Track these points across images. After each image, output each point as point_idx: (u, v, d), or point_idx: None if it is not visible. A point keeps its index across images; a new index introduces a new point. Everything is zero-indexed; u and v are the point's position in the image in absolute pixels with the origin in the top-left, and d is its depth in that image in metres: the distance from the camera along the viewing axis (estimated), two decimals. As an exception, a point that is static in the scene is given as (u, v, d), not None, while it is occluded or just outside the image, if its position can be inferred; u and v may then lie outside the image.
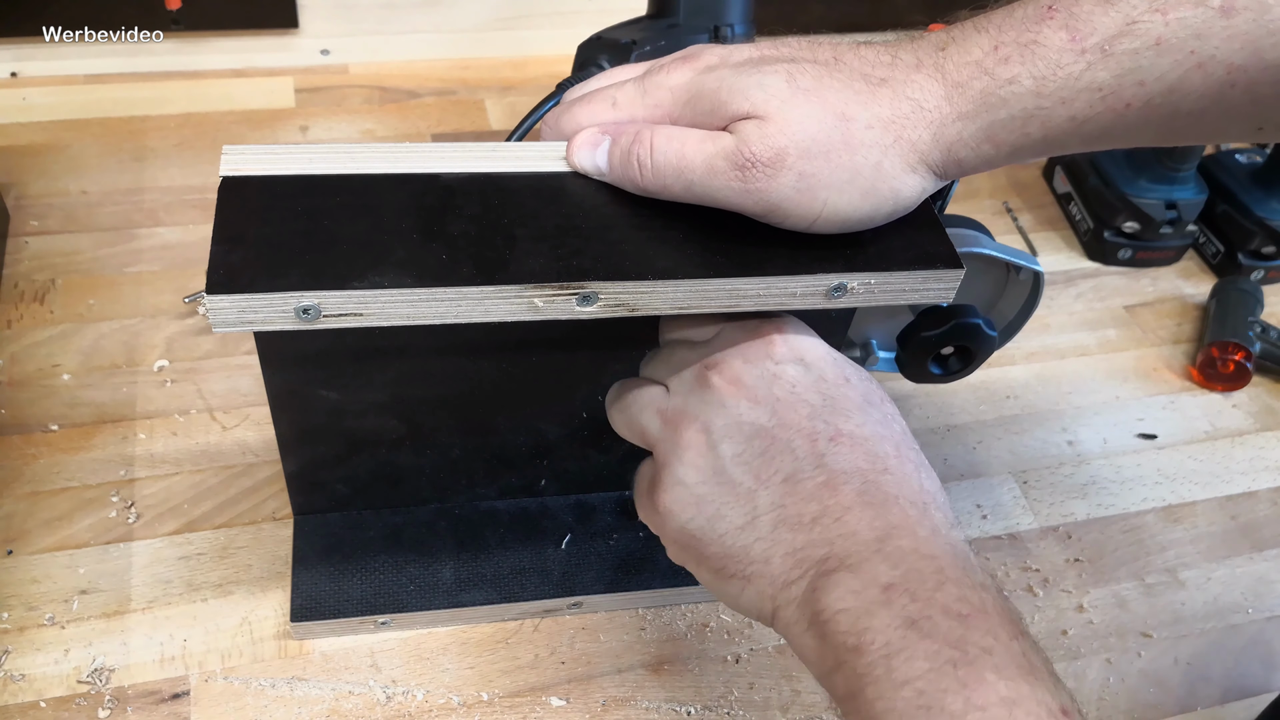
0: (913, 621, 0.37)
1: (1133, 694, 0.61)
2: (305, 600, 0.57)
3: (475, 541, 0.61)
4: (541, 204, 0.46)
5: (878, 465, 0.42)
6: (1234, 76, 0.38)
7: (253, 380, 0.70)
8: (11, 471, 0.63)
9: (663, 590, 0.61)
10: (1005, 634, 0.37)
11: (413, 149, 0.47)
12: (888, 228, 0.46)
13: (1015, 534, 0.69)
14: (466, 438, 0.58)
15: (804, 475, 0.42)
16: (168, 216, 0.81)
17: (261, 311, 0.41)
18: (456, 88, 0.99)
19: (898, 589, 0.38)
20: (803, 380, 0.44)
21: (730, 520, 0.43)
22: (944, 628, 0.37)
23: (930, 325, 0.60)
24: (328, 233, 0.43)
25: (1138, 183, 0.87)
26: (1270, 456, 0.76)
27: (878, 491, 0.41)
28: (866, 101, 0.42)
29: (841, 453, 0.42)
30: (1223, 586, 0.67)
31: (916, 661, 0.36)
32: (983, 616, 0.37)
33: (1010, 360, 0.80)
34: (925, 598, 0.38)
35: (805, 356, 0.45)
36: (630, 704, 0.57)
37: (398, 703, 0.56)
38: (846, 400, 0.44)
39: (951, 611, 0.37)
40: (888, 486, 0.42)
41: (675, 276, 0.44)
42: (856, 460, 0.42)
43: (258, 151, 0.46)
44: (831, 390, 0.44)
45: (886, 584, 0.38)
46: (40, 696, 0.54)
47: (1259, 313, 0.82)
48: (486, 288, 0.42)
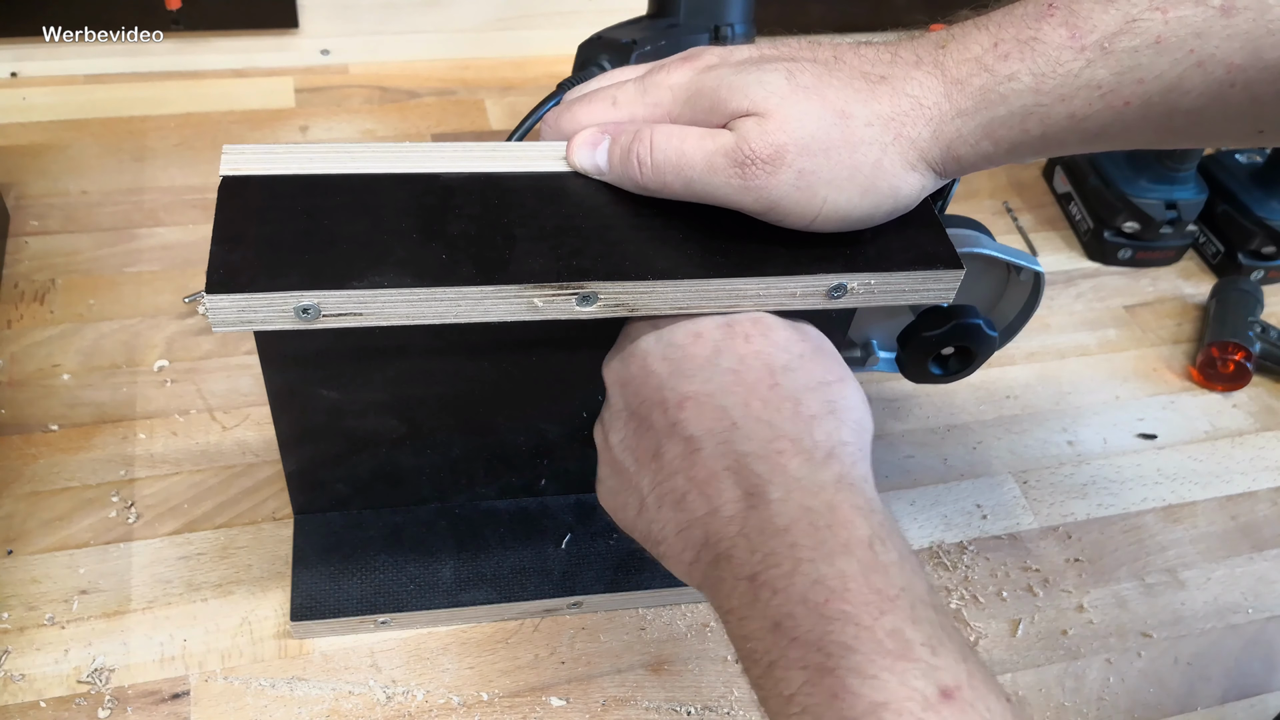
0: (777, 624, 0.36)
1: (1133, 694, 0.61)
2: (305, 599, 0.57)
3: (475, 541, 0.61)
4: (541, 204, 0.46)
5: (725, 422, 0.41)
6: (1233, 76, 0.38)
7: (253, 380, 0.70)
8: (11, 471, 0.63)
9: (663, 590, 0.61)
10: (869, 612, 0.35)
11: (413, 149, 0.48)
12: (888, 228, 0.46)
13: (1015, 534, 0.69)
14: (466, 437, 0.58)
15: (665, 449, 0.42)
16: (168, 216, 0.81)
17: (261, 311, 0.41)
18: (456, 88, 0.99)
19: (760, 582, 0.37)
20: (653, 350, 0.44)
21: (630, 506, 0.44)
22: (806, 625, 0.35)
23: (930, 325, 0.60)
24: (327, 232, 0.43)
25: (1138, 183, 0.87)
26: (1270, 456, 0.76)
27: (729, 453, 0.40)
28: (866, 99, 0.42)
29: (689, 417, 0.42)
30: (1223, 586, 0.67)
31: (792, 672, 0.35)
32: (840, 599, 0.35)
33: (1010, 360, 0.80)
34: (784, 588, 0.36)
35: (660, 325, 0.45)
36: (630, 704, 0.57)
37: (398, 703, 0.56)
38: (691, 360, 0.43)
39: (810, 602, 0.35)
40: (737, 443, 0.40)
41: (675, 276, 0.44)
42: (705, 421, 0.41)
43: (258, 151, 0.46)
44: (676, 353, 0.44)
45: (751, 576, 0.37)
46: (40, 696, 0.54)
47: (1259, 313, 0.82)
48: (486, 288, 0.42)
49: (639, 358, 0.45)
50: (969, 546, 0.67)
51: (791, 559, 0.37)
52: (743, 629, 0.37)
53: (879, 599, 0.35)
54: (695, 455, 0.41)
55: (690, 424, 0.42)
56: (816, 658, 0.34)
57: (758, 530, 0.38)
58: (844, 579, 0.36)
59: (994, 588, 0.65)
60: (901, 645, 0.34)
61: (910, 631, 0.34)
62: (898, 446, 0.72)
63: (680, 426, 0.42)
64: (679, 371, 0.43)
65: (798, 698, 0.34)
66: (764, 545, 0.37)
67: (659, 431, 0.43)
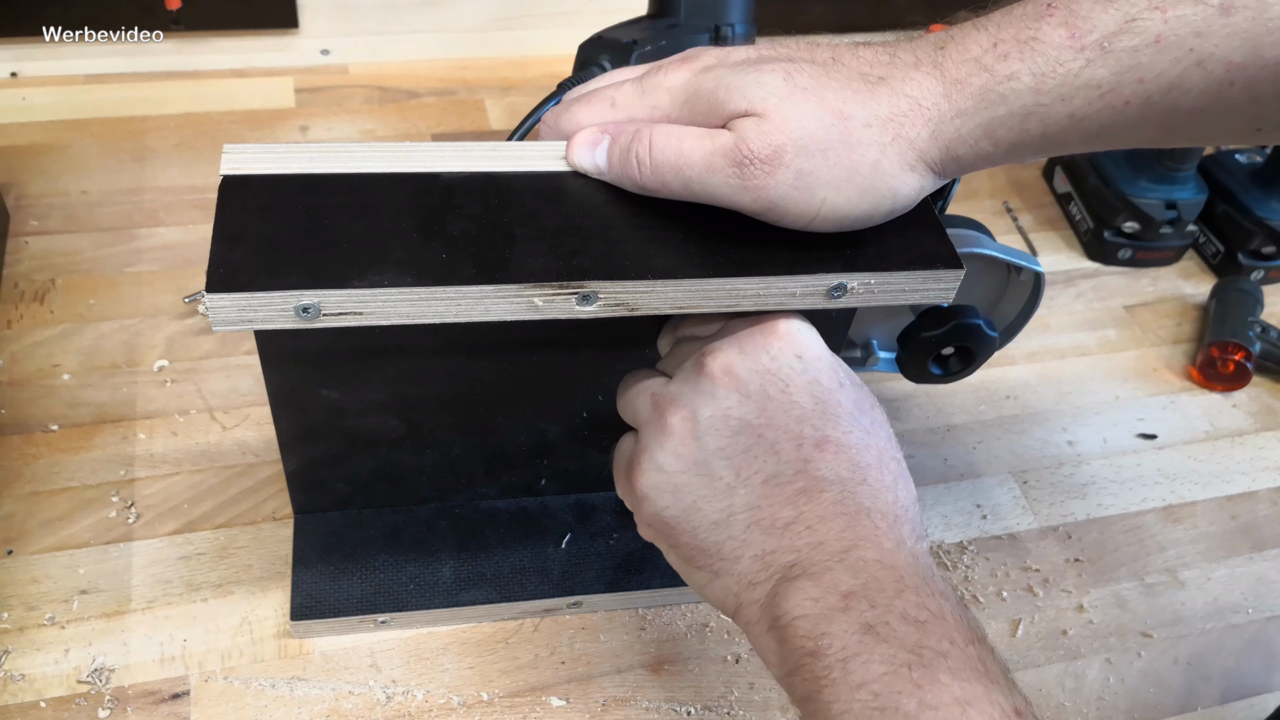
0: (870, 627, 0.37)
1: (1133, 694, 0.61)
2: (305, 599, 0.57)
3: (475, 541, 0.61)
4: (541, 203, 0.46)
5: (857, 475, 0.42)
6: (1233, 75, 0.38)
7: (253, 380, 0.70)
8: (11, 471, 0.63)
9: (663, 590, 0.61)
10: (962, 639, 0.38)
11: (413, 148, 0.47)
12: (888, 228, 0.46)
13: (1015, 534, 0.69)
14: (467, 437, 0.58)
15: (784, 479, 0.42)
16: (168, 216, 0.81)
17: (261, 310, 0.41)
18: (456, 88, 0.99)
19: (857, 596, 0.39)
20: (796, 380, 0.44)
21: (705, 514, 0.43)
22: (901, 633, 0.37)
23: (931, 325, 0.60)
24: (328, 232, 0.43)
25: (1138, 183, 0.87)
26: (1270, 456, 0.76)
27: (853, 502, 0.42)
28: (865, 100, 0.42)
29: (825, 460, 0.42)
30: (1223, 586, 0.67)
31: (873, 665, 0.37)
32: (939, 623, 0.38)
33: (1010, 360, 0.80)
34: (884, 604, 0.38)
35: (803, 354, 0.45)
36: (630, 704, 0.57)
37: (398, 703, 0.56)
38: (838, 405, 0.44)
39: (909, 617, 0.38)
40: (863, 498, 0.42)
41: (675, 276, 0.44)
42: (839, 469, 0.42)
43: (258, 151, 0.46)
44: (824, 394, 0.44)
45: (846, 591, 0.39)
46: (40, 696, 0.54)
47: (1259, 313, 0.82)
48: (486, 287, 0.42)
49: (779, 379, 0.44)
50: (969, 546, 0.67)
51: (896, 587, 0.39)
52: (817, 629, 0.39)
53: (970, 633, 0.38)
54: (819, 495, 0.42)
55: (824, 466, 0.42)
56: (906, 657, 0.37)
57: (863, 563, 0.40)
58: (942, 610, 0.39)
59: (994, 588, 0.65)
60: (986, 668, 0.37)
61: (990, 662, 0.38)
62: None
63: (813, 465, 0.42)
64: (825, 413, 0.43)
65: (872, 684, 0.36)
66: (867, 572, 0.39)
67: (783, 461, 0.43)
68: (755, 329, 0.45)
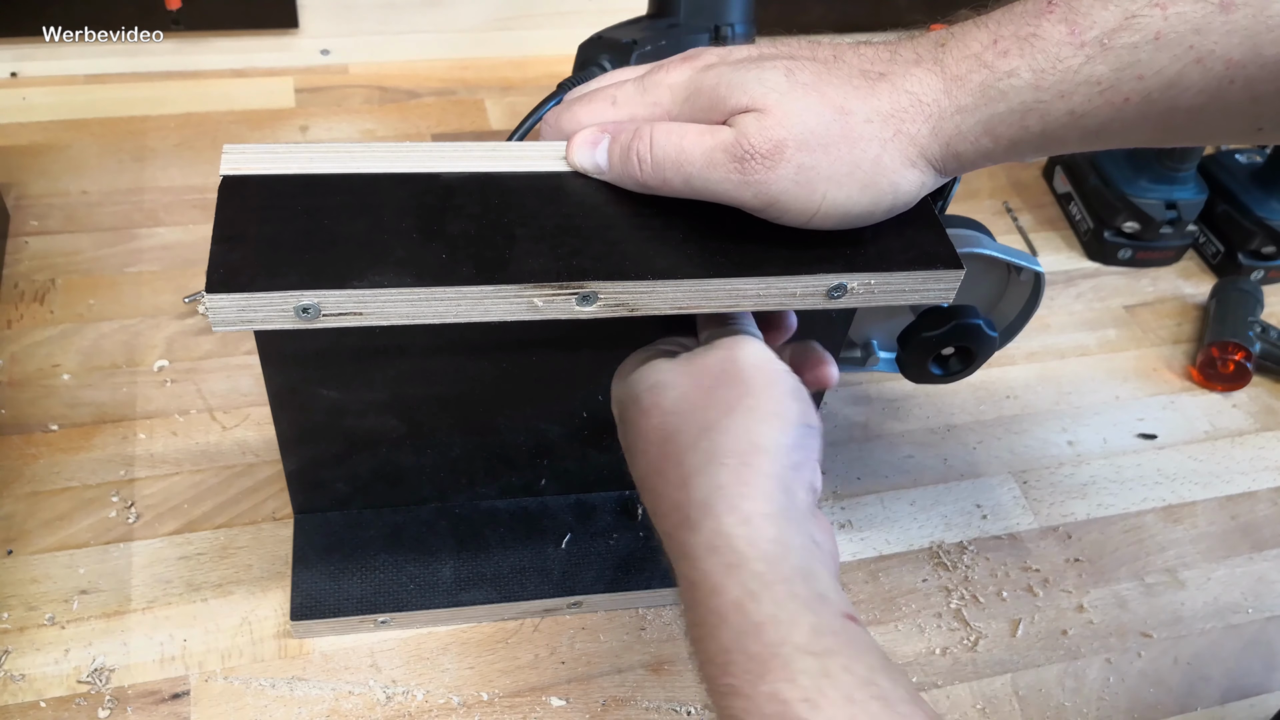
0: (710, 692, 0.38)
1: (1133, 694, 0.61)
2: (305, 599, 0.57)
3: (475, 540, 0.61)
4: (541, 204, 0.46)
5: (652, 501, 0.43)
6: (1233, 72, 0.38)
7: (253, 380, 0.70)
8: (11, 471, 0.63)
9: (662, 590, 0.61)
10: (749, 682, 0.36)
11: (413, 148, 0.47)
12: (888, 228, 0.46)
13: (1015, 534, 0.69)
14: (467, 437, 0.58)
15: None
16: (168, 216, 0.81)
17: (261, 311, 0.41)
18: (456, 88, 0.99)
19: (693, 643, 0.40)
20: (617, 394, 0.48)
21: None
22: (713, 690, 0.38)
23: (931, 326, 0.60)
24: (328, 232, 0.43)
25: (1138, 183, 0.87)
26: (1270, 456, 0.76)
27: (662, 531, 0.43)
28: (865, 96, 0.42)
29: (647, 501, 0.44)
30: (1223, 586, 0.67)
31: None
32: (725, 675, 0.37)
33: (1010, 360, 0.80)
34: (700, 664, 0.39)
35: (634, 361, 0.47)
36: (630, 704, 0.57)
37: (398, 703, 0.56)
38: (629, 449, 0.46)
39: (709, 676, 0.38)
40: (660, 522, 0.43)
41: (675, 276, 0.44)
42: (649, 503, 0.44)
43: (258, 151, 0.46)
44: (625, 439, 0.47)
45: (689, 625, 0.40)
46: (40, 696, 0.54)
47: (1259, 313, 0.82)
48: (486, 287, 0.42)
49: (614, 397, 0.48)
50: (969, 546, 0.67)
51: (695, 635, 0.39)
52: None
53: (755, 665, 0.36)
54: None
55: (649, 507, 0.44)
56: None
57: (686, 608, 0.40)
58: (726, 652, 0.37)
59: (994, 588, 0.65)
60: (781, 707, 0.35)
61: (787, 691, 0.35)
62: (898, 446, 0.72)
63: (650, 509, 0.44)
64: (631, 457, 0.46)
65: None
66: (688, 620, 0.40)
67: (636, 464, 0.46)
68: None
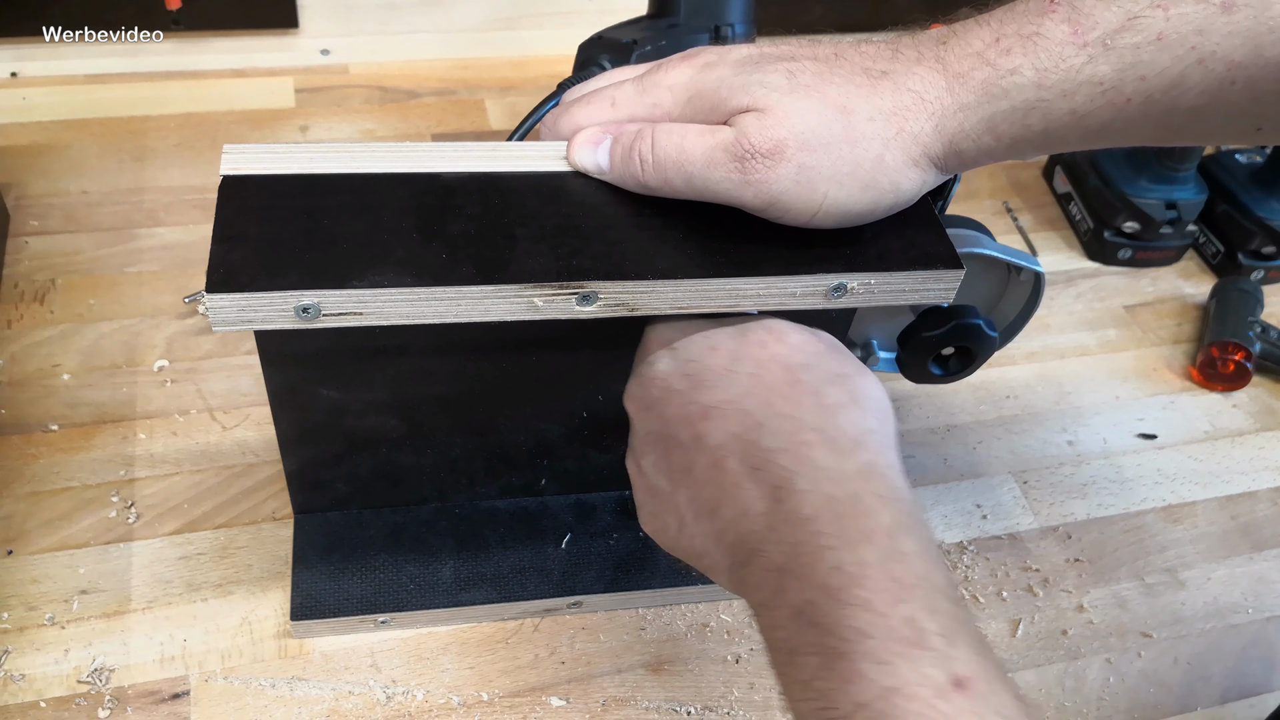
0: (799, 610, 0.36)
1: (1133, 694, 0.61)
2: (305, 599, 0.57)
3: (475, 541, 0.61)
4: (541, 203, 0.46)
5: (748, 423, 0.41)
6: (1234, 73, 0.38)
7: (253, 380, 0.70)
8: (11, 471, 0.63)
9: (662, 590, 0.61)
10: (886, 599, 0.35)
11: (413, 148, 0.48)
12: (888, 228, 0.46)
13: (1015, 534, 0.69)
14: (467, 437, 0.58)
15: (695, 463, 0.42)
16: (168, 216, 0.81)
17: (261, 310, 0.41)
18: (456, 88, 0.99)
19: (787, 571, 0.37)
20: (669, 369, 0.44)
21: (671, 526, 0.44)
22: (824, 611, 0.35)
23: (931, 326, 0.60)
24: (328, 232, 0.43)
25: (1138, 183, 0.87)
26: (1270, 456, 0.76)
27: (755, 453, 0.40)
28: (868, 94, 0.42)
29: (714, 427, 0.41)
30: (1223, 586, 0.67)
31: (810, 658, 0.35)
32: (857, 585, 0.35)
33: (1010, 360, 0.80)
34: (807, 575, 0.36)
35: (674, 342, 0.45)
36: (630, 704, 0.57)
37: (398, 703, 0.56)
38: (709, 371, 0.43)
39: (829, 588, 0.35)
40: (763, 441, 0.40)
41: (675, 276, 0.44)
42: (729, 427, 0.41)
43: (258, 150, 0.46)
44: (694, 368, 0.43)
45: (779, 567, 0.37)
46: (40, 696, 0.54)
47: (1259, 313, 0.82)
48: (486, 287, 0.42)
49: (658, 380, 0.44)
50: (969, 546, 0.67)
51: (815, 547, 0.37)
52: (770, 619, 0.37)
53: (896, 587, 0.35)
54: (723, 463, 0.41)
55: (715, 433, 0.41)
56: (831, 642, 0.34)
57: (785, 522, 0.38)
58: (862, 566, 0.35)
59: (994, 588, 0.65)
60: (916, 633, 0.34)
61: (926, 621, 0.34)
62: (898, 446, 0.72)
63: (706, 437, 0.41)
64: (699, 384, 0.43)
65: (814, 683, 0.35)
66: (791, 536, 0.37)
67: (688, 447, 0.42)
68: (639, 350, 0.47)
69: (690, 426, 0.42)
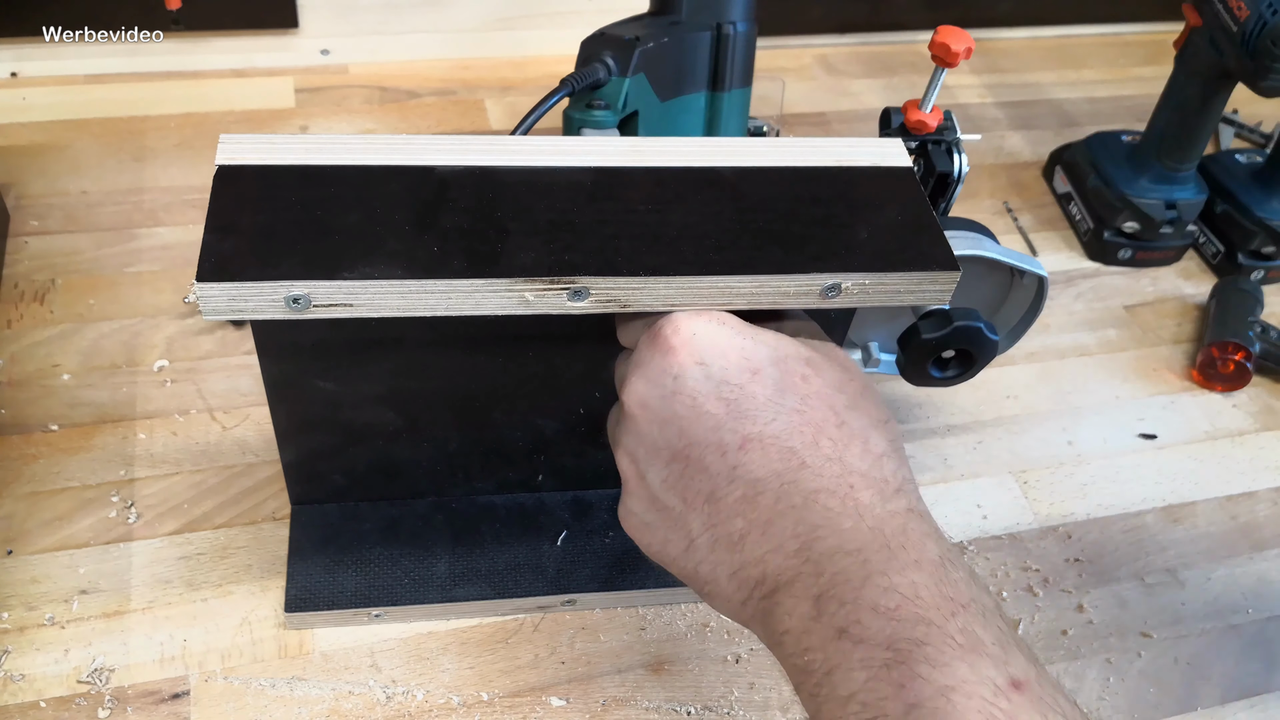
0: (843, 630, 0.36)
1: (1133, 694, 0.61)
2: (300, 591, 0.57)
3: (471, 536, 0.61)
4: (535, 198, 0.46)
5: (793, 462, 0.40)
6: None
7: (253, 380, 0.70)
8: (11, 471, 0.63)
9: (660, 590, 0.61)
10: (940, 614, 0.35)
11: (408, 141, 0.48)
12: (885, 229, 0.46)
13: (1015, 534, 0.69)
14: (463, 431, 0.58)
15: (722, 492, 0.41)
16: (168, 216, 0.81)
17: (252, 300, 0.41)
18: (456, 88, 0.99)
19: (827, 598, 0.37)
20: (703, 388, 0.42)
21: (674, 544, 0.43)
22: (874, 629, 0.35)
23: (931, 328, 0.60)
24: (320, 223, 0.43)
25: (1138, 183, 0.87)
26: (1270, 456, 0.76)
27: (796, 492, 0.40)
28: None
29: (753, 460, 0.41)
30: (1223, 586, 0.67)
31: (854, 673, 0.35)
32: (912, 604, 0.36)
33: (1010, 360, 0.80)
34: (852, 599, 0.36)
35: (705, 358, 0.43)
36: (630, 704, 0.57)
37: (398, 703, 0.56)
38: (752, 399, 0.42)
39: (880, 609, 0.36)
40: (806, 482, 0.40)
41: (668, 273, 0.43)
42: (770, 463, 0.40)
43: (254, 141, 0.46)
44: (735, 392, 0.42)
45: (816, 594, 0.37)
46: (40, 696, 0.54)
47: (1259, 313, 0.82)
48: (477, 280, 0.42)
49: (686, 395, 0.42)
50: (969, 546, 0.67)
51: (862, 574, 0.37)
52: (800, 644, 0.37)
53: (950, 604, 0.36)
54: (759, 498, 0.40)
55: (754, 467, 0.41)
56: (883, 655, 0.35)
57: (826, 556, 0.38)
58: (915, 588, 0.36)
59: (994, 588, 0.65)
60: (973, 641, 0.34)
61: (981, 632, 0.35)
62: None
63: (742, 469, 0.41)
64: (738, 412, 0.41)
65: (859, 694, 0.35)
66: (832, 566, 0.38)
67: (715, 475, 0.41)
68: (653, 348, 0.44)
69: (723, 455, 0.41)
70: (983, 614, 0.36)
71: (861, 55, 1.12)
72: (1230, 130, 1.07)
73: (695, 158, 0.49)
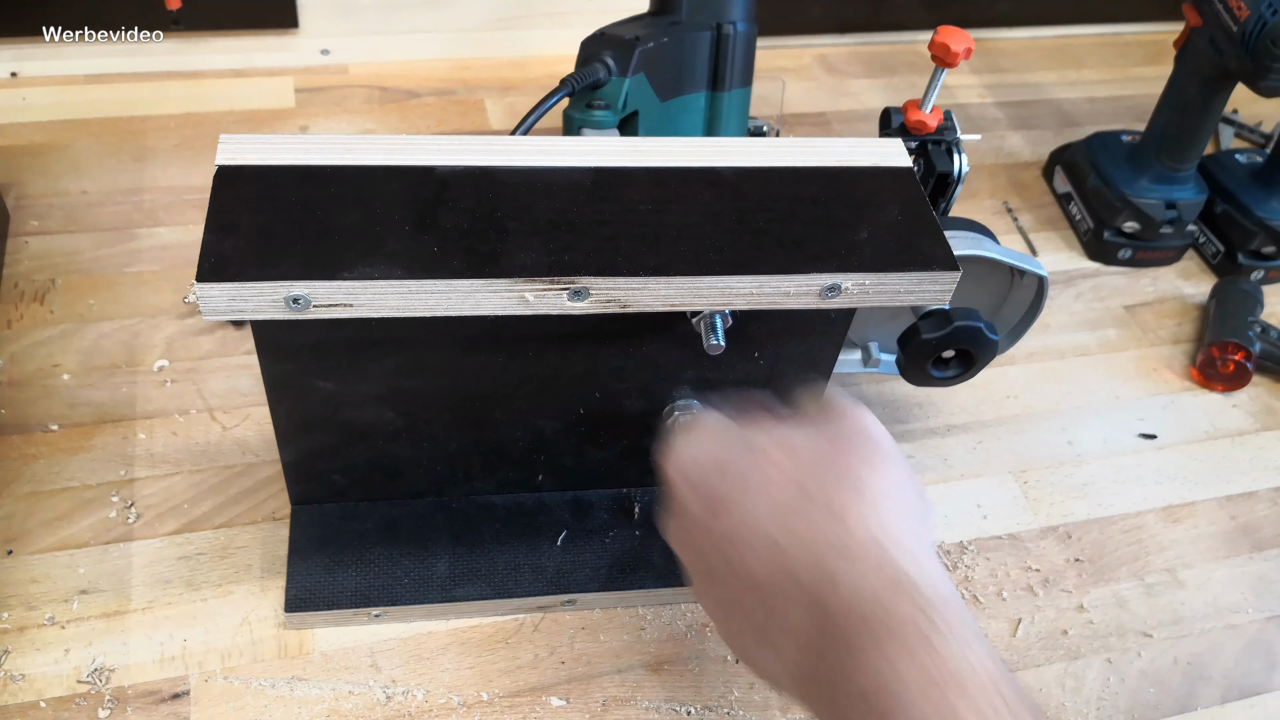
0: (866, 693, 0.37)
1: (1133, 694, 0.61)
2: (300, 591, 0.57)
3: (471, 536, 0.61)
4: (535, 199, 0.46)
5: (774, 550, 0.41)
6: None
7: (253, 380, 0.70)
8: (11, 471, 0.63)
9: (660, 590, 0.61)
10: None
11: (409, 141, 0.48)
12: (885, 229, 0.46)
13: (1015, 534, 0.69)
14: (463, 431, 0.58)
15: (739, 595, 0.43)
16: (168, 216, 0.81)
17: (251, 300, 0.41)
18: (456, 88, 0.99)
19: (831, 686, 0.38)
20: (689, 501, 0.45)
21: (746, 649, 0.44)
22: None
23: (931, 328, 0.60)
24: (321, 223, 0.43)
25: (1138, 183, 0.87)
26: (1270, 456, 0.76)
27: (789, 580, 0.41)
28: None
29: (744, 555, 0.42)
30: (1223, 586, 0.67)
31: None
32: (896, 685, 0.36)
33: (1010, 360, 0.79)
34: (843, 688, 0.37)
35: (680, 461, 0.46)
36: (630, 704, 0.57)
37: (398, 703, 0.56)
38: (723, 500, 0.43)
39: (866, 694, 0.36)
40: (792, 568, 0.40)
41: (667, 273, 0.44)
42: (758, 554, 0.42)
43: (255, 141, 0.46)
44: (709, 495, 0.44)
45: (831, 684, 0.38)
46: (40, 696, 0.54)
47: (1259, 313, 0.82)
48: (476, 280, 0.42)
49: (681, 515, 0.44)
50: (969, 546, 0.67)
51: (854, 664, 0.37)
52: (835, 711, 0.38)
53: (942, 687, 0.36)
54: (763, 593, 0.41)
55: (748, 561, 0.42)
56: None
57: (831, 645, 0.39)
58: (902, 679, 0.36)
59: (994, 588, 0.65)
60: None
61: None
62: (898, 446, 0.72)
63: (739, 567, 0.42)
64: (717, 513, 0.43)
65: None
66: (833, 654, 0.38)
67: (727, 580, 0.42)
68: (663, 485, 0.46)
69: (722, 558, 0.42)
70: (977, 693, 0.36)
71: (861, 55, 1.12)
72: (1230, 130, 1.07)
73: (695, 158, 0.49)
